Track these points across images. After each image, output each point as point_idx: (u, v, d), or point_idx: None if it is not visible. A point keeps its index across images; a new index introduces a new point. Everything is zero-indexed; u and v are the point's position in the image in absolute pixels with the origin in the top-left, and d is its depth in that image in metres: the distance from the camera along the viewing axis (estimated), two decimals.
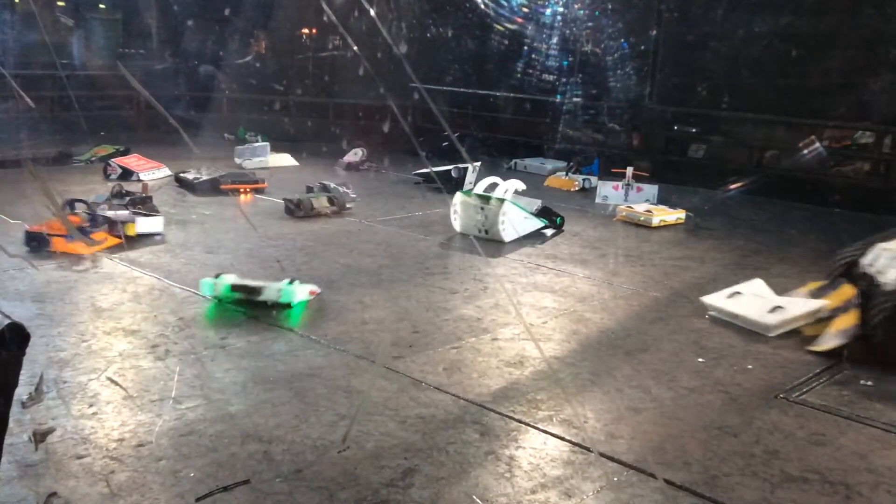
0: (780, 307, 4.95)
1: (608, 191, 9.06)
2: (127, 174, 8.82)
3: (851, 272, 4.92)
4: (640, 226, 7.82)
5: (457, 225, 7.13)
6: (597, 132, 11.57)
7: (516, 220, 7.00)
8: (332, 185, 8.25)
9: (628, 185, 8.95)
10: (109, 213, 6.29)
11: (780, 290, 5.35)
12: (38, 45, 12.17)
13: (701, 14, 10.56)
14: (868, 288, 4.66)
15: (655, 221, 7.82)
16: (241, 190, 8.60)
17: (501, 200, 6.89)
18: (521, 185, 7.36)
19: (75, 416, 3.37)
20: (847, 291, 4.78)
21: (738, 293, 5.22)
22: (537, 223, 7.25)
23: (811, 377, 4.23)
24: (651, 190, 8.89)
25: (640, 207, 8.07)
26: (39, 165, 9.01)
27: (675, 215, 8.05)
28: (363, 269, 5.94)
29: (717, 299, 5.22)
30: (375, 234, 7.05)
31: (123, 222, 6.20)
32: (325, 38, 13.67)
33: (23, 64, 12.21)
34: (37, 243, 5.78)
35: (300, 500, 2.86)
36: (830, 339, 4.56)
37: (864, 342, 4.47)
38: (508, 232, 6.92)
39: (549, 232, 7.30)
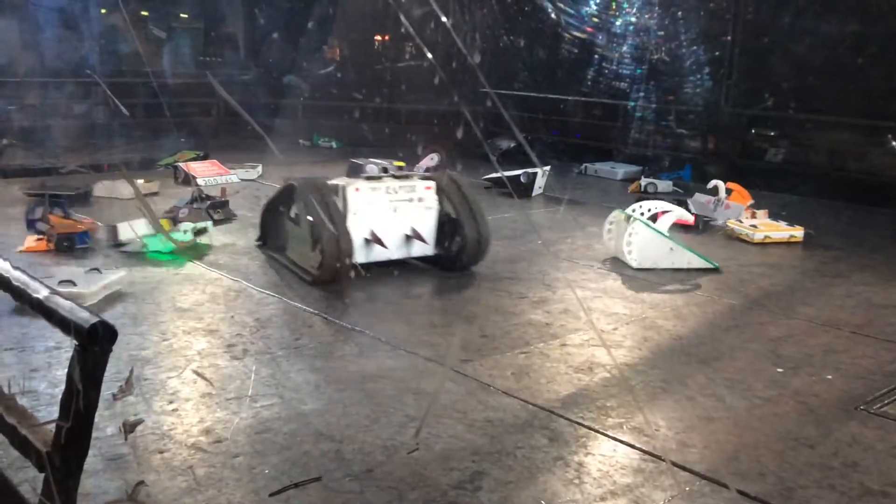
0: None
1: (699, 205, 8.08)
2: (189, 179, 9.06)
3: None
4: (742, 241, 7.27)
5: (611, 245, 6.53)
6: (670, 137, 11.40)
7: (652, 247, 6.19)
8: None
9: (719, 201, 8.04)
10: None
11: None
12: (126, 55, 12.71)
13: (776, 17, 10.30)
14: None
15: (759, 237, 7.20)
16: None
17: (630, 217, 6.27)
18: (686, 216, 6.80)
19: (157, 413, 3.50)
20: None
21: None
22: (684, 258, 6.20)
23: (893, 388, 4.08)
24: (738, 208, 7.85)
25: (748, 221, 7.47)
26: (130, 170, 9.41)
27: (789, 233, 7.32)
28: (432, 273, 6.00)
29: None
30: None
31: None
32: (400, 48, 13.83)
33: (112, 72, 12.76)
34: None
35: (370, 500, 2.91)
36: None
37: None
38: (636, 256, 6.18)
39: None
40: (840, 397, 3.97)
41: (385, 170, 6.24)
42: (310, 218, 5.49)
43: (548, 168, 9.47)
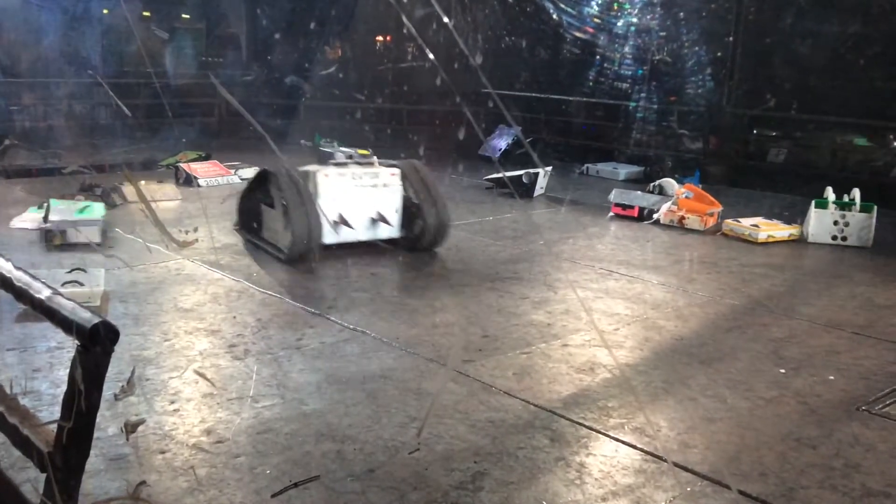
0: None
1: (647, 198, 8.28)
2: (189, 180, 9.07)
3: None
4: (745, 241, 7.27)
5: (808, 230, 7.35)
6: (671, 137, 11.40)
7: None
8: None
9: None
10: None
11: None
12: (128, 55, 12.74)
13: (778, 17, 10.30)
14: None
15: (762, 237, 7.25)
16: None
17: (872, 207, 7.27)
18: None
19: (158, 413, 3.51)
20: None
21: None
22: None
23: (895, 389, 4.08)
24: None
25: (747, 221, 7.52)
26: (132, 171, 9.42)
27: (788, 231, 7.43)
28: (434, 273, 6.00)
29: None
30: (446, 239, 7.09)
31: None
32: (402, 48, 13.83)
33: (114, 73, 12.79)
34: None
35: (372, 500, 2.91)
36: None
37: None
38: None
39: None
40: (842, 398, 3.97)
41: (350, 157, 6.53)
42: (283, 201, 5.94)
43: (549, 168, 9.47)
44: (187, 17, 14.28)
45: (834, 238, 7.31)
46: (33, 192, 8.11)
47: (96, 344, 1.69)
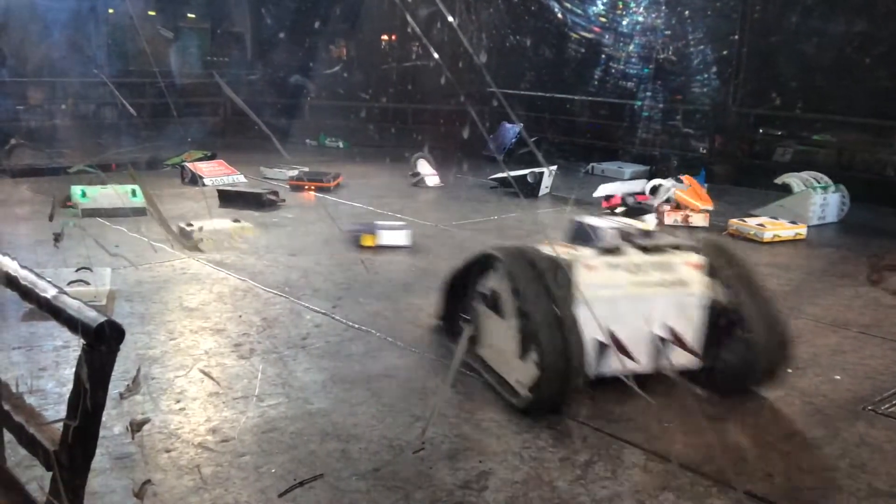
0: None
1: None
2: (195, 179, 9.07)
3: None
4: (750, 240, 7.22)
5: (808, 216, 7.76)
6: (677, 136, 11.38)
7: None
8: None
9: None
10: None
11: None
12: (133, 55, 12.76)
13: (784, 16, 10.28)
14: None
15: (767, 236, 7.22)
16: (308, 187, 8.96)
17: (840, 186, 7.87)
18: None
19: (163, 412, 3.51)
20: None
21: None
22: None
23: None
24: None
25: (753, 220, 7.52)
26: (137, 170, 9.44)
27: (794, 230, 7.43)
28: (439, 273, 5.98)
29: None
30: (451, 238, 7.10)
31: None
32: (407, 48, 13.84)
33: (119, 72, 12.81)
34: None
35: (376, 499, 2.91)
36: None
37: None
38: None
39: None
40: (848, 398, 3.96)
41: (627, 236, 4.13)
42: (520, 310, 3.72)
43: (554, 168, 9.46)
44: (192, 16, 14.31)
45: (820, 219, 8.02)
46: (39, 191, 8.14)
47: (102, 343, 1.69)
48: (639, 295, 3.88)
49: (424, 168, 9.80)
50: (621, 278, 3.86)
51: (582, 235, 4.17)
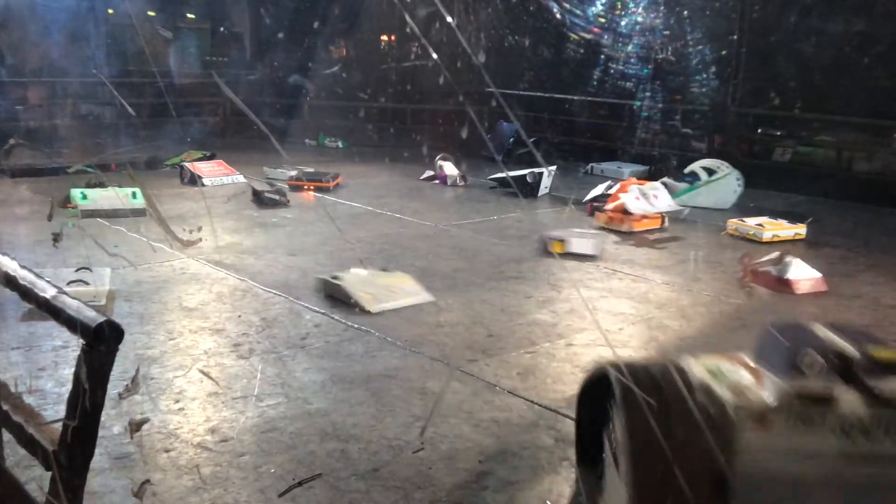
0: None
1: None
2: (194, 179, 9.05)
3: None
4: (749, 240, 7.21)
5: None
6: (676, 136, 11.38)
7: None
8: None
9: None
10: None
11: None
12: (132, 55, 12.75)
13: (783, 16, 10.28)
14: None
15: (767, 236, 7.20)
16: (307, 187, 8.94)
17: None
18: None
19: (163, 412, 3.51)
20: None
21: None
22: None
23: None
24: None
25: (752, 220, 7.49)
26: (137, 170, 9.44)
27: (794, 230, 7.40)
28: (438, 273, 5.99)
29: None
30: (450, 238, 7.10)
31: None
32: (406, 48, 13.83)
33: (118, 72, 12.80)
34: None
35: (376, 499, 2.91)
36: None
37: None
38: None
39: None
40: None
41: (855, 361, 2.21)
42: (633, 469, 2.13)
43: (553, 168, 9.45)
44: (192, 16, 14.30)
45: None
46: (38, 191, 8.13)
47: (101, 343, 1.69)
48: (855, 482, 2.05)
49: (450, 169, 9.84)
50: (821, 443, 2.08)
51: (775, 350, 2.43)
